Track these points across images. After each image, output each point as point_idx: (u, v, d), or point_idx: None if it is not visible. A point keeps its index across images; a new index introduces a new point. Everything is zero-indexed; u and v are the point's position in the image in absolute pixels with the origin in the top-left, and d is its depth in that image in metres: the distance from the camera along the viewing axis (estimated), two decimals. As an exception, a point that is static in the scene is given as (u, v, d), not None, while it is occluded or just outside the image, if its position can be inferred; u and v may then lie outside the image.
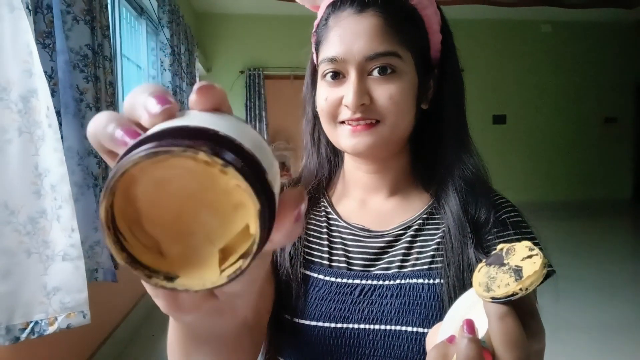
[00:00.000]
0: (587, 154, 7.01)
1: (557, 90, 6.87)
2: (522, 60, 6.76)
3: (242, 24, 6.08)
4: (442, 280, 0.58)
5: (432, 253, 0.61)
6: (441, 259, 0.60)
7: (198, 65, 5.22)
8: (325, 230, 0.67)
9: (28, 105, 1.30)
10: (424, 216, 0.64)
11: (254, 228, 0.21)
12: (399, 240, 0.63)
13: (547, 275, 0.60)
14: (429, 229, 0.63)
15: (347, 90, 0.58)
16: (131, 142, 0.22)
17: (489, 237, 0.60)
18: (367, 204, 0.68)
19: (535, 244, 0.60)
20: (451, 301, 0.56)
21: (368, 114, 0.59)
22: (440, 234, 0.62)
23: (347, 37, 0.58)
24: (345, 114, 0.60)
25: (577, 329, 2.67)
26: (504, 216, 0.62)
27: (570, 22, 6.70)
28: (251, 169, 0.21)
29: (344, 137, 0.60)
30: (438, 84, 0.65)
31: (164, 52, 3.70)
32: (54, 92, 1.52)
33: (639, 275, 3.97)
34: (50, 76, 1.53)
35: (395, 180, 0.67)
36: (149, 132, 0.22)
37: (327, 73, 0.60)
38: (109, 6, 2.37)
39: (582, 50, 6.86)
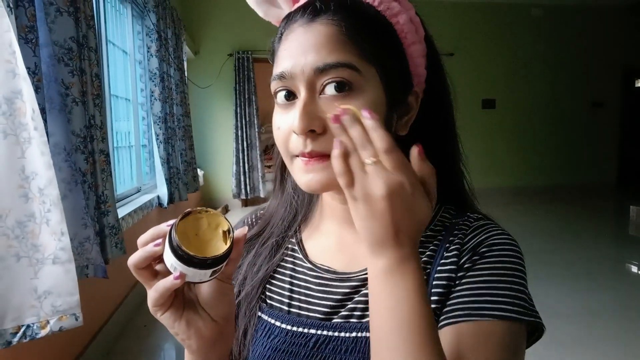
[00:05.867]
0: (574, 139, 7.09)
1: (546, 75, 6.89)
2: (512, 44, 6.75)
3: (230, 6, 5.94)
4: None
5: None
6: None
7: (186, 49, 5.12)
8: (288, 273, 0.62)
9: (12, 107, 1.26)
10: None
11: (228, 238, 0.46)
12: (365, 285, 0.55)
13: (538, 337, 0.52)
14: None
15: (295, 114, 0.48)
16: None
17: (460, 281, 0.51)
18: (341, 240, 0.60)
19: (520, 281, 0.49)
20: None
21: (320, 144, 0.49)
22: None
23: (295, 49, 0.50)
24: (297, 145, 0.50)
25: (561, 315, 2.74)
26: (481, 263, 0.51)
27: (560, 6, 6.69)
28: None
29: (299, 173, 0.51)
30: (423, 104, 0.56)
31: (150, 37, 3.61)
32: (38, 89, 1.47)
33: (622, 261, 4.06)
34: (34, 72, 1.48)
35: None
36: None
37: (277, 92, 0.52)
38: (93, -7, 2.29)
39: (571, 35, 6.87)
